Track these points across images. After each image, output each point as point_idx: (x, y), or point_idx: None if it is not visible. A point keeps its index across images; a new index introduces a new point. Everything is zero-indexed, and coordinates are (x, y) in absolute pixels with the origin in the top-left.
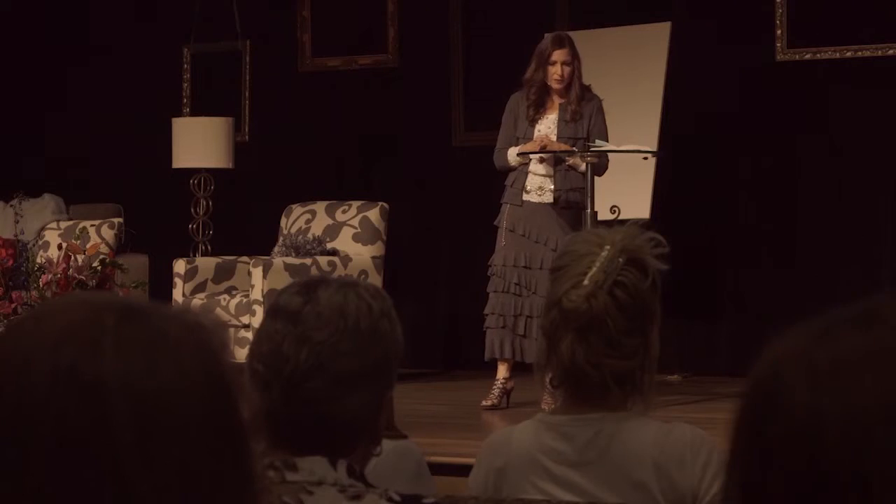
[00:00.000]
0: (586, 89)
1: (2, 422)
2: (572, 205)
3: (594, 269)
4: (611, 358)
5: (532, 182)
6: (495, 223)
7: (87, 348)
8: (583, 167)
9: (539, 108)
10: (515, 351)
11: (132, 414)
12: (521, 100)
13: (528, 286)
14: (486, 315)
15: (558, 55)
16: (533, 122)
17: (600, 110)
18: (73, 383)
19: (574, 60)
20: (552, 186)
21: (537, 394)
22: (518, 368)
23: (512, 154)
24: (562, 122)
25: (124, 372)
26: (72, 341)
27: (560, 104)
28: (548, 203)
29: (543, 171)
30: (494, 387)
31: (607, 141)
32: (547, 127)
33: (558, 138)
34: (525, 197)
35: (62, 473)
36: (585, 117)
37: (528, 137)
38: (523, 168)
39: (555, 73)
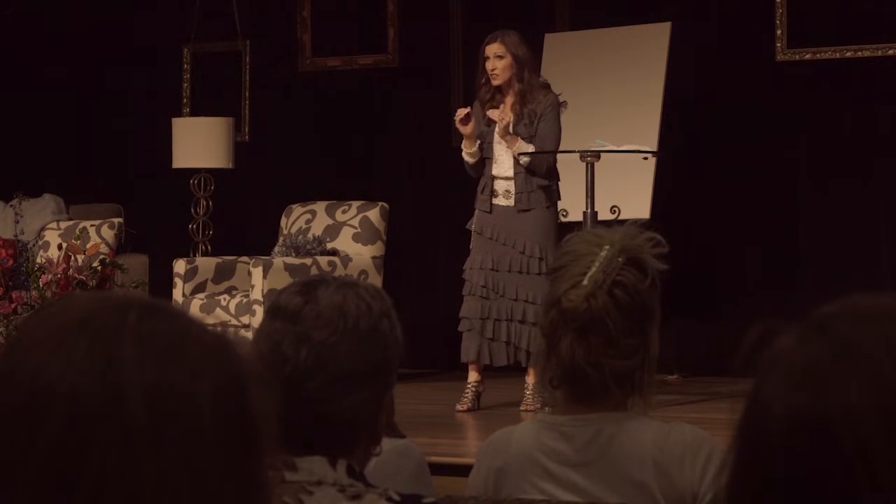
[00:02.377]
0: (540, 86)
1: (17, 395)
2: (534, 205)
3: (593, 268)
4: (610, 358)
5: (499, 186)
6: (467, 227)
7: (106, 336)
8: (524, 159)
9: (494, 109)
10: (482, 354)
11: (146, 402)
12: (477, 105)
13: (496, 289)
14: (461, 319)
15: (489, 49)
16: (490, 123)
17: (552, 108)
18: (88, 364)
19: (509, 54)
20: (514, 189)
21: (536, 396)
22: (487, 370)
23: (465, 153)
24: (518, 122)
25: (140, 362)
26: (93, 328)
27: (512, 104)
28: (512, 206)
29: (505, 174)
30: (467, 390)
31: (553, 140)
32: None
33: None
34: (494, 201)
35: (71, 446)
36: (538, 115)
37: (489, 140)
38: (488, 173)
39: (489, 67)
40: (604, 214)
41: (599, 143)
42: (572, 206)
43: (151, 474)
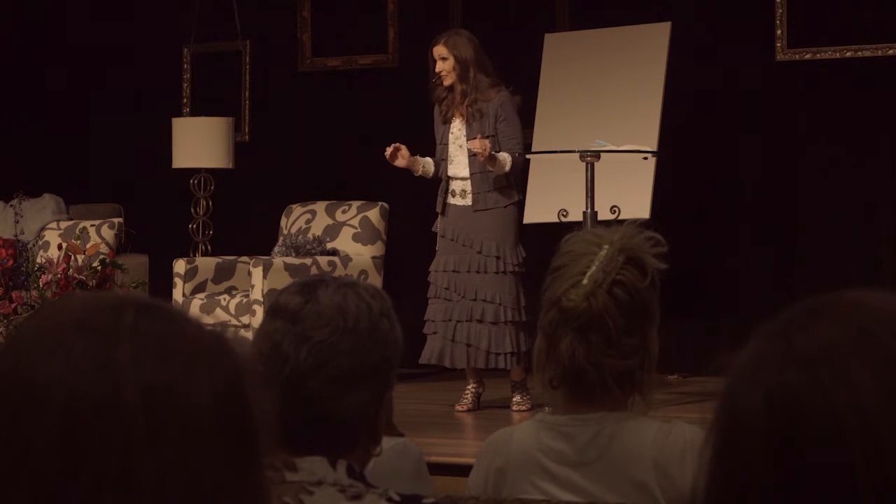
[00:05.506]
0: (489, 85)
1: (15, 394)
2: (491, 205)
3: (593, 268)
4: (610, 357)
5: (456, 186)
6: (433, 229)
7: (103, 335)
8: (507, 168)
9: (449, 109)
10: (444, 356)
11: (143, 402)
12: (436, 108)
13: (458, 290)
14: (425, 321)
15: (435, 52)
16: (446, 121)
17: (506, 104)
18: (85, 363)
19: (453, 55)
20: (471, 189)
21: (536, 394)
22: (487, 372)
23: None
24: (468, 124)
25: (137, 362)
26: (90, 327)
27: (464, 104)
28: (470, 206)
29: (461, 175)
30: (466, 391)
31: (519, 141)
32: (458, 129)
33: (468, 139)
34: (451, 200)
35: (69, 446)
36: (489, 115)
37: (444, 142)
38: (444, 175)
39: (436, 70)
40: (604, 214)
41: (599, 143)
42: (572, 206)
43: (149, 473)
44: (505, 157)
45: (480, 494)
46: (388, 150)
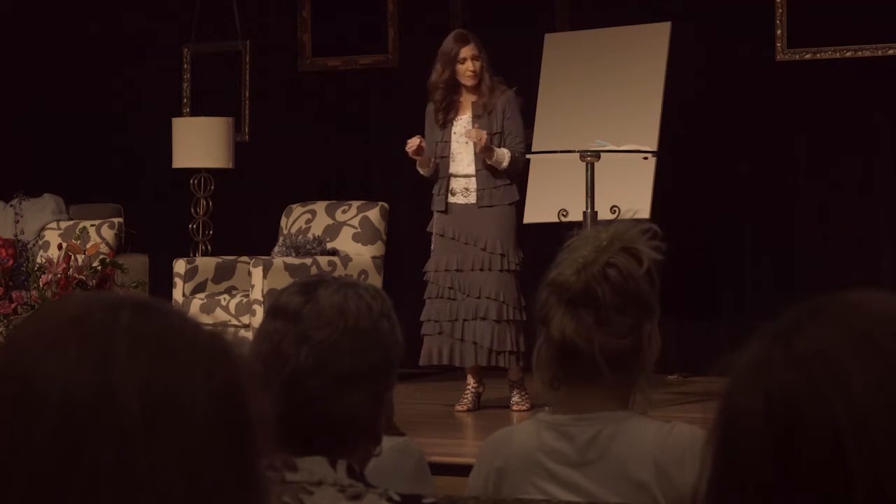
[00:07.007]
0: (498, 82)
1: (10, 393)
2: (496, 202)
3: (586, 251)
4: (601, 334)
5: (457, 184)
6: (428, 230)
7: (99, 334)
8: (505, 164)
9: (450, 111)
10: (454, 356)
11: (139, 401)
12: (431, 107)
13: (462, 289)
14: (423, 322)
15: (466, 51)
16: (445, 124)
17: (511, 103)
18: (81, 362)
19: (481, 54)
20: (475, 186)
21: (529, 393)
22: (487, 372)
23: (420, 171)
24: (475, 119)
25: (133, 360)
26: (85, 326)
27: (473, 102)
28: (473, 203)
29: (464, 172)
30: (466, 391)
31: (523, 139)
32: (462, 127)
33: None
34: (451, 199)
35: (64, 444)
36: (498, 111)
37: (446, 139)
38: (445, 173)
39: (466, 69)
40: (604, 214)
41: (599, 143)
42: (572, 206)
43: (144, 472)
44: (503, 152)
45: (480, 494)
46: (414, 142)
